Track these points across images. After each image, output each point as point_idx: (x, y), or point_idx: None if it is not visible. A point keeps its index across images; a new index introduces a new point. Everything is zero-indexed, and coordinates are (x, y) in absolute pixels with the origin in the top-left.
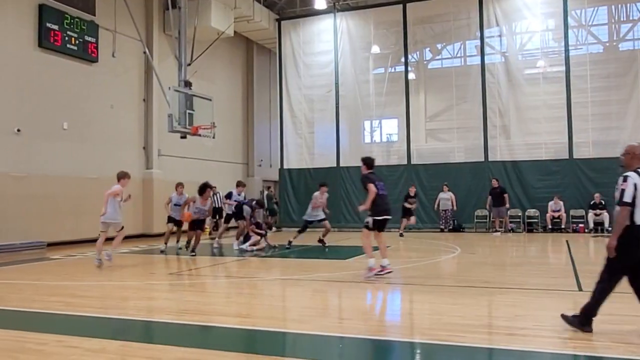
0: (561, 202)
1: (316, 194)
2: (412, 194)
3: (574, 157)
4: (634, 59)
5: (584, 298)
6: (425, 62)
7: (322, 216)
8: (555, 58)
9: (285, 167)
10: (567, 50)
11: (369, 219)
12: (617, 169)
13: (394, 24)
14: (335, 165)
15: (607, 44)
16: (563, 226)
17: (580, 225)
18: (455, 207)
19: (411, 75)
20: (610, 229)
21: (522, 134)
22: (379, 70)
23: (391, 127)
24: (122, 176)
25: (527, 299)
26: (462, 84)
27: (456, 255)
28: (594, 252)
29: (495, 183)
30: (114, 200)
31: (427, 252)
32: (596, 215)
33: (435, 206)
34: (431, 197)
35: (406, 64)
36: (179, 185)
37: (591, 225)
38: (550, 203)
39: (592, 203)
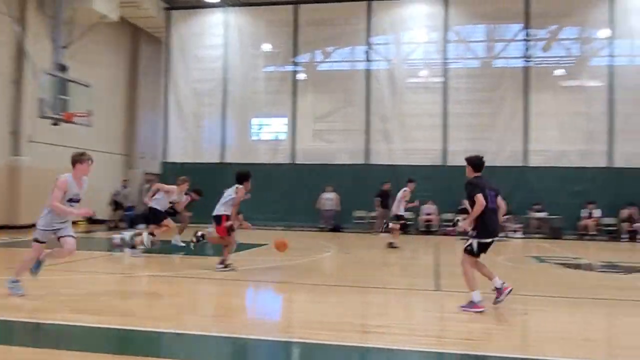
0: (434, 207)
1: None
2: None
3: (448, 164)
4: (504, 76)
5: (440, 297)
6: (315, 64)
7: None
8: (436, 69)
9: (168, 160)
10: (446, 63)
11: (473, 242)
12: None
13: (286, 23)
14: (219, 161)
15: (483, 60)
16: (435, 229)
17: (450, 228)
18: (338, 208)
19: (301, 76)
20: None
21: (403, 140)
22: (269, 68)
23: (279, 126)
24: None
25: (389, 297)
26: (350, 87)
27: (331, 254)
28: (459, 254)
29: (387, 186)
30: None
31: (304, 251)
32: (464, 219)
33: (317, 205)
34: (314, 196)
35: (296, 64)
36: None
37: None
38: (424, 207)
39: (460, 208)
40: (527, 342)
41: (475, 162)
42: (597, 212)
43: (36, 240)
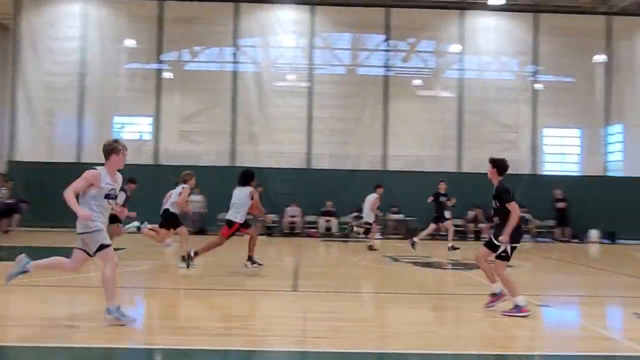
0: (298, 209)
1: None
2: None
3: (312, 167)
4: (366, 83)
5: (298, 298)
6: (182, 63)
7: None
8: (303, 74)
9: (16, 159)
10: (312, 69)
11: (507, 247)
12: (349, 180)
13: (150, 19)
14: (75, 160)
15: (347, 67)
16: (298, 231)
17: (313, 230)
18: (205, 210)
19: (168, 74)
20: (338, 233)
21: (268, 142)
22: (133, 65)
23: (143, 125)
24: None
25: (244, 299)
26: (217, 88)
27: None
28: (320, 256)
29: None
30: None
31: (165, 255)
32: (327, 221)
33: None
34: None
35: (161, 62)
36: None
37: (322, 230)
38: (288, 209)
39: (323, 210)
40: (374, 338)
41: (503, 166)
42: (447, 214)
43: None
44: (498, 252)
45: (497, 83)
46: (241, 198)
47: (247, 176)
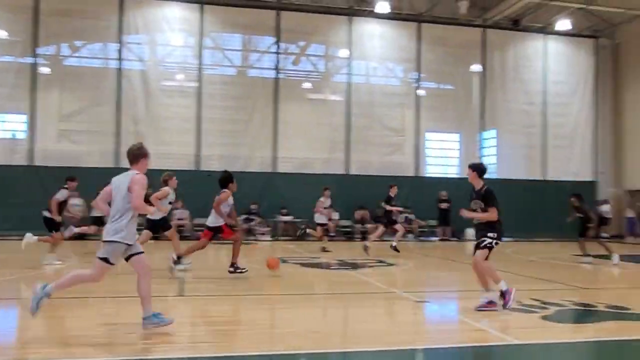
0: (187, 212)
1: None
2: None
3: (201, 168)
4: (257, 85)
5: (184, 302)
6: (61, 58)
7: None
8: (192, 74)
9: None
10: (202, 69)
11: (493, 242)
12: (239, 181)
13: (25, 9)
14: None
15: (238, 69)
16: (188, 234)
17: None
18: (87, 214)
19: (45, 70)
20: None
21: (155, 143)
22: (5, 58)
23: (16, 123)
24: None
25: (128, 306)
26: (100, 86)
27: (65, 265)
28: (209, 259)
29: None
30: None
31: (31, 262)
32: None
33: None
34: None
35: (37, 56)
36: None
37: None
38: (177, 211)
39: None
40: (262, 340)
41: (483, 169)
42: (335, 215)
43: (105, 260)
44: (483, 244)
45: (383, 88)
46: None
47: (224, 179)
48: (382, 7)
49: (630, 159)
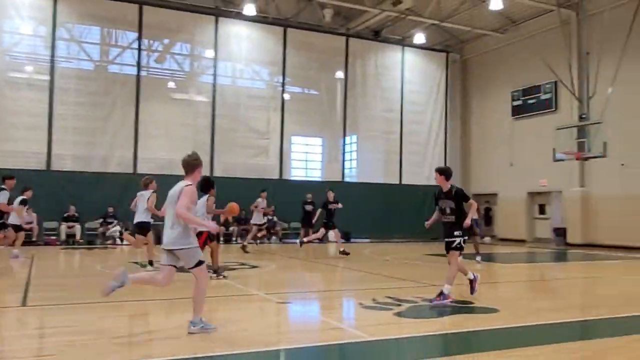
0: (34, 214)
1: None
2: (331, 198)
3: (53, 168)
4: (117, 82)
5: (27, 313)
6: None
7: None
8: (43, 66)
9: None
10: (54, 61)
11: (461, 240)
12: (95, 183)
13: None
14: None
15: (97, 63)
16: (35, 239)
17: (53, 237)
18: None
19: None
20: (82, 240)
21: (1, 141)
22: None
23: None
24: None
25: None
26: None
27: None
28: (59, 265)
29: None
30: None
31: None
32: (69, 227)
33: None
34: None
35: None
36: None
37: (63, 237)
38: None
39: (66, 215)
40: (111, 350)
41: (450, 172)
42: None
43: (201, 263)
44: (455, 244)
45: (249, 90)
46: (202, 207)
47: (207, 185)
48: (249, 10)
49: (476, 164)
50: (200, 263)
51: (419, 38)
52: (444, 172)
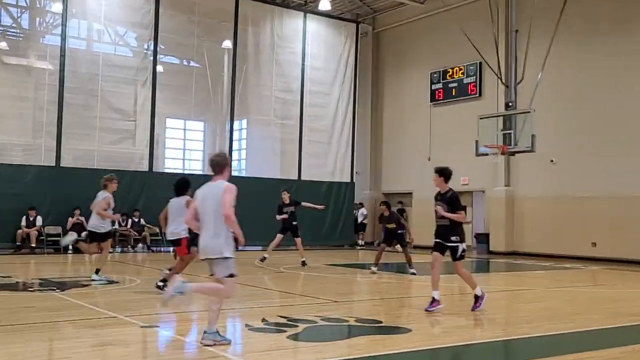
0: None
1: None
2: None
3: None
4: None
5: None
6: None
7: None
8: None
9: None
10: None
11: (464, 246)
12: None
13: None
14: None
15: None
16: None
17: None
18: None
19: None
20: None
21: None
22: None
23: None
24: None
25: None
26: None
27: None
28: None
29: None
30: None
31: None
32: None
33: None
34: None
35: None
36: None
37: None
38: None
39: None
40: None
41: (449, 174)
42: (39, 220)
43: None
44: (459, 254)
45: (110, 58)
46: (180, 209)
47: (184, 186)
48: None
49: (388, 158)
50: (233, 275)
51: (325, 4)
52: (443, 173)
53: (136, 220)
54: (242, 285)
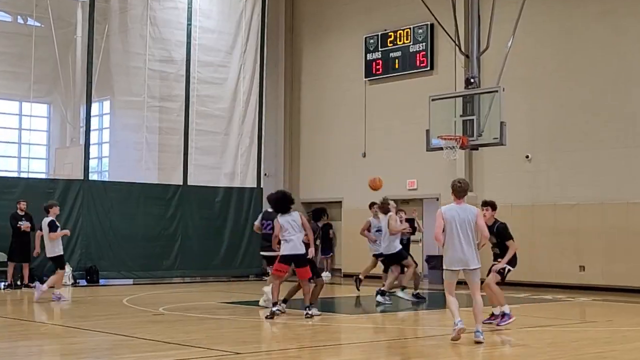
0: None
1: None
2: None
3: None
4: None
5: None
6: None
7: None
8: None
9: None
10: None
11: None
12: None
13: None
14: None
15: None
16: None
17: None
18: None
19: None
20: None
21: None
22: None
23: None
24: None
25: None
26: None
27: None
28: None
29: None
30: None
31: None
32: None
33: None
34: None
35: None
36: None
37: None
38: None
39: None
40: None
41: (494, 204)
42: None
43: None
44: (498, 268)
45: None
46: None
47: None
48: None
49: (308, 155)
50: None
51: None
52: (493, 205)
53: None
54: (104, 334)
